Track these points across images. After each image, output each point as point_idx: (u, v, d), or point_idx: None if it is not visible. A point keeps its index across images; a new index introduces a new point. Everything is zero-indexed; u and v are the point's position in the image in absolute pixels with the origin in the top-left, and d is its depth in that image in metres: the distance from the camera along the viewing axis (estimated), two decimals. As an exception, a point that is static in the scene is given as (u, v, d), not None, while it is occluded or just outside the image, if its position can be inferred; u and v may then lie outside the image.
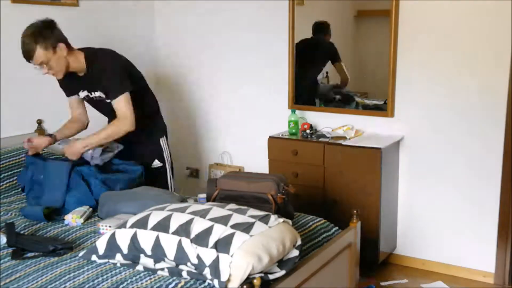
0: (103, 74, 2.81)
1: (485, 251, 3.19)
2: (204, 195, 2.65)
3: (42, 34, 2.64)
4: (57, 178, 2.71)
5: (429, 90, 3.23)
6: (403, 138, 3.35)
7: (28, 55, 2.65)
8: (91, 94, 2.95)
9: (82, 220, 2.48)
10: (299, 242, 2.00)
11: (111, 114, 2.96)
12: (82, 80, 2.91)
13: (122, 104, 2.81)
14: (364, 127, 3.46)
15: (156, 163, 3.11)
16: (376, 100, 3.46)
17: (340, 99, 3.63)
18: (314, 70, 3.75)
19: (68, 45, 2.76)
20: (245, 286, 1.68)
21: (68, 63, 2.77)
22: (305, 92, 3.72)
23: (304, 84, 3.71)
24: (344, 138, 3.29)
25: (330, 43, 3.61)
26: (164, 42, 4.24)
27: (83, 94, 3.00)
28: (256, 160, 3.84)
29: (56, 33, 2.71)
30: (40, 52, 2.64)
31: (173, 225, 1.90)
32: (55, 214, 2.57)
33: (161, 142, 3.15)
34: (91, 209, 2.62)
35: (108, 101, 2.87)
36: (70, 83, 2.97)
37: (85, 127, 3.16)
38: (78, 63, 2.81)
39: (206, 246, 1.80)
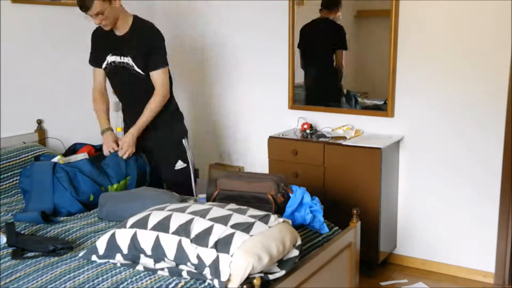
0: (155, 42, 2.98)
1: (485, 251, 3.19)
2: (204, 195, 2.65)
3: None
4: (41, 182, 2.67)
5: (429, 90, 3.23)
6: (403, 138, 3.35)
7: (87, 6, 2.79)
8: (120, 58, 3.01)
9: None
10: (299, 242, 2.00)
11: (126, 86, 3.08)
12: (118, 41, 3.01)
13: (164, 75, 3.00)
14: (364, 127, 3.47)
15: (180, 164, 3.11)
16: (376, 100, 3.46)
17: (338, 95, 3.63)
18: (321, 61, 3.70)
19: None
20: (245, 286, 1.68)
21: (118, 18, 2.93)
22: (314, 89, 3.70)
23: (312, 79, 3.69)
24: (344, 138, 3.29)
25: (339, 26, 3.52)
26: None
27: (111, 58, 3.04)
28: (256, 160, 3.84)
29: None
30: (98, 3, 2.78)
31: (173, 225, 1.90)
32: (52, 215, 2.57)
33: (183, 143, 3.16)
34: None
35: (139, 71, 2.96)
36: (102, 43, 3.07)
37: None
38: (125, 21, 2.97)
39: (206, 246, 1.80)
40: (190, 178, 3.16)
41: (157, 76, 2.97)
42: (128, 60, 2.98)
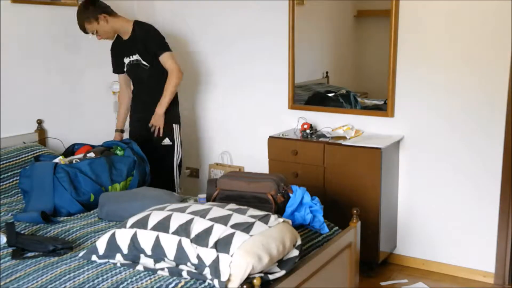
0: (148, 34, 3.38)
1: (485, 251, 3.19)
2: (204, 195, 2.65)
3: (85, 13, 3.26)
4: (42, 182, 2.68)
5: (429, 90, 3.23)
6: (403, 138, 3.35)
7: (83, 30, 3.32)
8: (130, 57, 3.44)
9: None
10: (299, 242, 2.00)
11: (138, 80, 3.51)
12: (126, 44, 3.44)
13: (168, 58, 3.36)
14: (364, 127, 3.47)
15: (167, 141, 3.47)
16: (376, 100, 3.46)
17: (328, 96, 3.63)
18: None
19: (110, 13, 3.33)
20: (245, 286, 1.68)
21: (114, 28, 3.36)
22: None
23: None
24: (344, 138, 3.29)
25: None
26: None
27: (126, 60, 3.46)
28: (256, 160, 3.84)
29: (96, 7, 3.28)
30: (88, 26, 3.29)
31: (173, 225, 1.90)
32: (51, 215, 2.57)
33: (173, 126, 3.49)
34: None
35: (145, 64, 3.39)
36: (117, 51, 3.52)
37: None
38: (127, 28, 3.40)
39: (206, 246, 1.80)
40: (173, 157, 3.49)
41: (165, 60, 3.36)
42: (136, 56, 3.40)
